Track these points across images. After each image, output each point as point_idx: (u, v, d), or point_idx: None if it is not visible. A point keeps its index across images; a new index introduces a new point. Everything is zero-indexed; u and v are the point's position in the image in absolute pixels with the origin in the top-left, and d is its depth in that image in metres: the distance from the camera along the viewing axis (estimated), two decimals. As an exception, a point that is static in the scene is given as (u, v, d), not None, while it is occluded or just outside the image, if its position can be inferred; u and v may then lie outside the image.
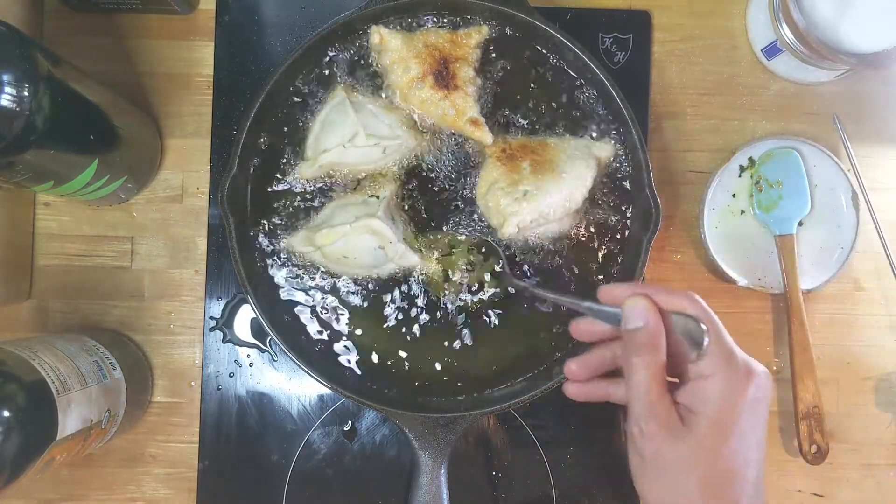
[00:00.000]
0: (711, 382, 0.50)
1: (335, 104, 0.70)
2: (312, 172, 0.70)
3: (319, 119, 0.70)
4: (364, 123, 0.68)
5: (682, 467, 0.50)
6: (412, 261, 0.70)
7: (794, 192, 0.78)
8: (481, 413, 0.68)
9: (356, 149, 0.69)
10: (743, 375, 0.50)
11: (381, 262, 0.69)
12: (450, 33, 0.71)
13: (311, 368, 0.67)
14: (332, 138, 0.69)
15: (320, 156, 0.69)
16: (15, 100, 0.53)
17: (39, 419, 0.58)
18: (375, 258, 0.68)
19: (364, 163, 0.70)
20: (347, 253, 0.68)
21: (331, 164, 0.70)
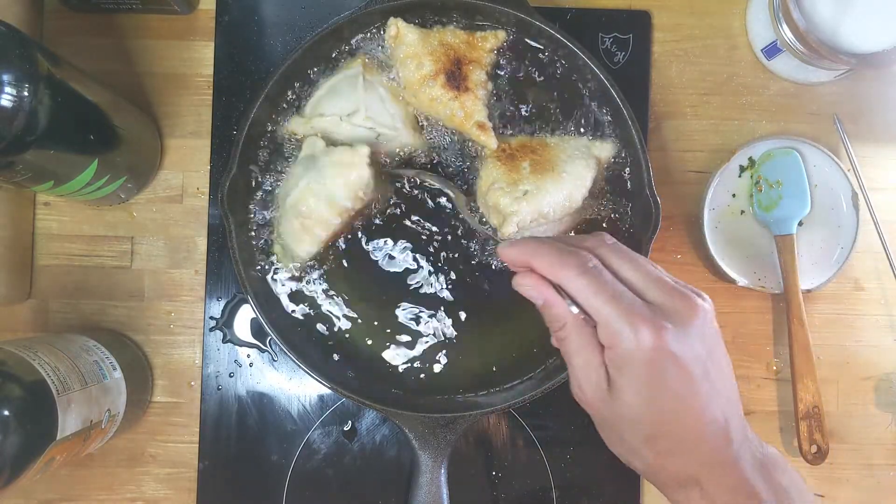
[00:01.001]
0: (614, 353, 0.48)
1: (349, 74, 0.69)
2: (303, 130, 0.69)
3: (329, 83, 0.70)
4: (368, 104, 0.68)
5: (623, 429, 0.50)
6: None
7: (794, 192, 0.78)
8: (481, 413, 0.68)
9: (351, 126, 0.68)
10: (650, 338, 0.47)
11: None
12: (466, 34, 0.70)
13: (311, 368, 0.67)
14: (333, 106, 0.68)
15: (315, 118, 0.69)
16: (15, 100, 0.53)
17: (39, 419, 0.58)
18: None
19: (354, 142, 0.70)
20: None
21: (321, 129, 0.69)
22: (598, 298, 0.48)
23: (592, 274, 0.49)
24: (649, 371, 0.47)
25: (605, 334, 0.48)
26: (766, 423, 0.80)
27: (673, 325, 0.47)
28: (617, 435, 0.51)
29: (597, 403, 0.50)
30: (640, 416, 0.48)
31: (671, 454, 0.49)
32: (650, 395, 0.48)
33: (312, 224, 0.66)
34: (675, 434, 0.49)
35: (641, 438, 0.49)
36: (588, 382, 0.50)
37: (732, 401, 0.50)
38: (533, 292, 0.51)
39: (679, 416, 0.48)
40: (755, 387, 0.80)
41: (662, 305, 0.48)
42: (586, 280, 0.49)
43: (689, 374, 0.47)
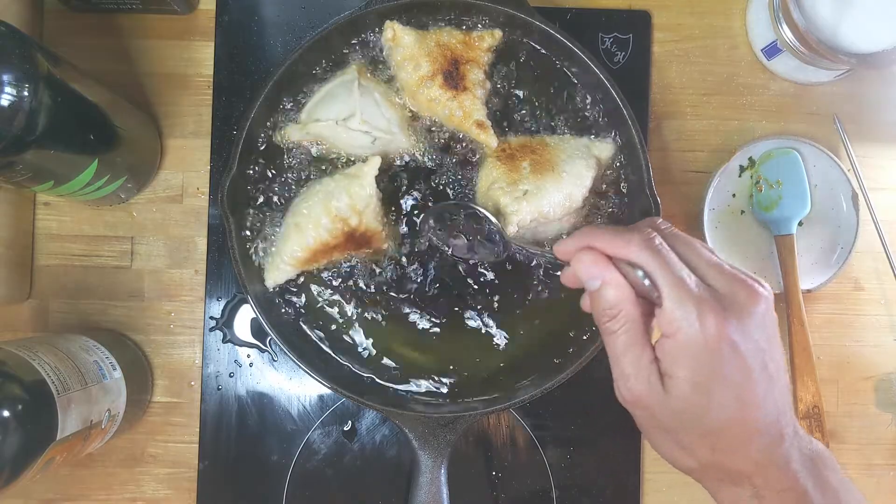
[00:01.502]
0: (674, 340, 0.46)
1: (344, 80, 0.69)
2: (299, 136, 0.70)
3: (324, 89, 0.70)
4: (363, 108, 0.68)
5: (678, 426, 0.48)
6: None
7: (794, 192, 0.78)
8: (481, 413, 0.67)
9: (348, 130, 0.68)
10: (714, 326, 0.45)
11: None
12: (463, 34, 0.70)
13: (311, 368, 0.67)
14: (329, 111, 0.69)
15: (311, 123, 0.69)
16: (15, 100, 0.53)
17: (39, 419, 0.58)
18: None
19: (350, 146, 0.70)
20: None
21: (318, 135, 0.69)
22: (664, 276, 0.46)
23: (658, 250, 0.47)
24: (710, 361, 0.45)
25: (667, 319, 0.46)
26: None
27: (736, 313, 0.45)
28: (669, 434, 0.49)
29: (647, 401, 0.47)
30: (697, 409, 0.46)
31: (727, 449, 0.47)
32: (708, 387, 0.45)
33: (305, 224, 0.66)
34: (732, 428, 0.47)
35: (698, 434, 0.47)
36: (639, 379, 0.47)
37: (786, 394, 0.48)
38: (594, 269, 0.48)
39: (737, 410, 0.46)
40: (755, 387, 0.80)
41: (723, 292, 0.46)
42: (652, 255, 0.46)
43: (749, 366, 0.46)
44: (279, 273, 0.68)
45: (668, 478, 0.79)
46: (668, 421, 0.48)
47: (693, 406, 0.46)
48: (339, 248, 0.68)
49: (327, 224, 0.66)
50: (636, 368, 0.47)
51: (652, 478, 0.79)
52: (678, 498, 0.79)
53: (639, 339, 0.47)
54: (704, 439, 0.48)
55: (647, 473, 0.79)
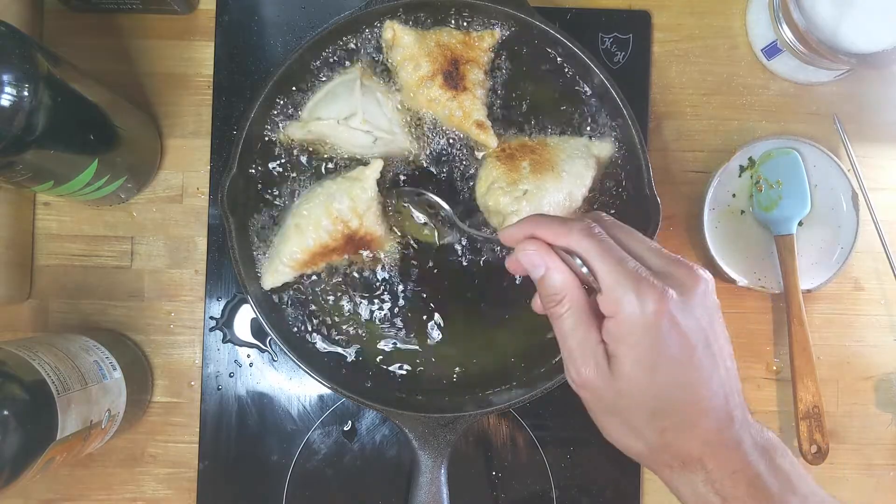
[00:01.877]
0: (615, 321, 0.46)
1: (346, 80, 0.69)
2: (300, 134, 0.70)
3: (326, 88, 0.70)
4: (365, 108, 0.68)
5: (625, 407, 0.48)
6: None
7: (794, 192, 0.78)
8: (481, 413, 0.68)
9: (349, 129, 0.68)
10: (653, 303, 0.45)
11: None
12: (463, 34, 0.71)
13: (311, 368, 0.67)
14: (330, 110, 0.69)
15: (313, 121, 0.69)
16: (15, 100, 0.53)
17: (39, 419, 0.58)
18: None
19: (352, 146, 0.70)
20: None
21: (319, 134, 0.69)
22: (603, 261, 0.46)
23: (598, 238, 0.47)
24: (651, 338, 0.45)
25: (607, 300, 0.46)
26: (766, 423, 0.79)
27: (676, 292, 0.46)
28: (616, 416, 0.49)
29: (595, 383, 0.48)
30: (644, 389, 0.47)
31: (675, 430, 0.48)
32: (652, 364, 0.46)
33: (305, 225, 0.66)
34: (678, 408, 0.47)
35: (644, 415, 0.48)
36: (585, 361, 0.48)
37: (732, 376, 0.49)
38: (536, 258, 0.49)
39: (682, 388, 0.47)
40: (755, 387, 0.80)
41: (664, 273, 0.47)
42: (592, 242, 0.47)
43: (691, 344, 0.46)
44: (277, 275, 0.68)
45: (668, 478, 0.79)
46: (615, 402, 0.48)
47: (638, 385, 0.47)
48: (338, 250, 0.68)
49: (328, 226, 0.66)
50: (582, 350, 0.48)
51: (652, 478, 0.79)
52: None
53: (584, 321, 0.48)
54: (652, 420, 0.48)
55: (647, 473, 0.79)
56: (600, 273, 0.46)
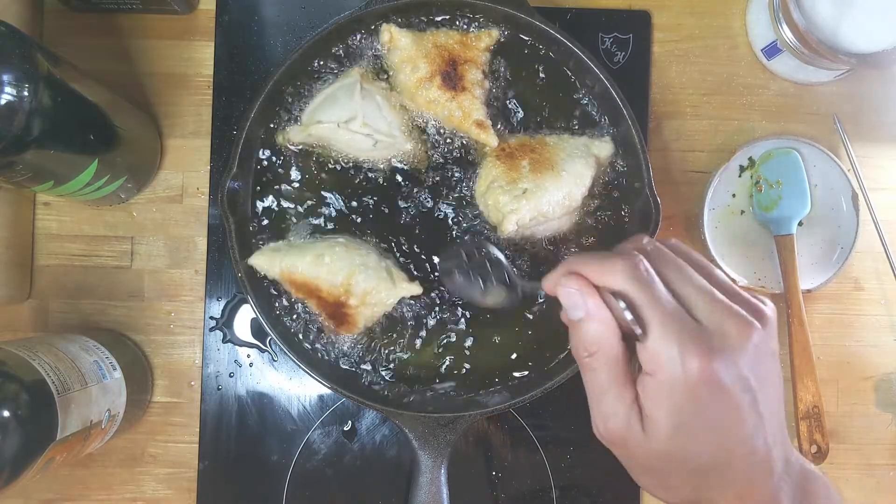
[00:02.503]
0: (655, 380, 0.43)
1: (346, 83, 0.69)
2: (300, 138, 0.70)
3: (326, 91, 0.70)
4: (365, 111, 0.68)
5: (659, 468, 0.46)
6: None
7: (794, 192, 0.78)
8: (481, 413, 0.68)
9: (349, 133, 0.68)
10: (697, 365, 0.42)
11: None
12: (460, 34, 0.71)
13: (311, 368, 0.67)
14: (330, 114, 0.68)
15: (313, 125, 0.69)
16: (15, 100, 0.53)
17: (39, 419, 0.58)
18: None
19: (352, 149, 0.70)
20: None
21: (319, 137, 0.69)
22: (648, 309, 0.43)
23: (645, 280, 0.43)
24: (692, 403, 0.42)
25: (648, 357, 0.43)
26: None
27: (723, 350, 0.42)
28: (649, 472, 0.47)
29: (627, 443, 0.45)
30: (679, 453, 0.44)
31: (710, 489, 0.46)
32: (691, 430, 0.43)
33: (321, 263, 0.66)
34: (715, 467, 0.45)
35: (679, 475, 0.45)
36: (617, 420, 0.45)
37: (779, 428, 0.46)
38: (577, 298, 0.45)
39: (721, 451, 0.44)
40: (755, 387, 0.80)
41: (712, 325, 0.43)
42: (637, 284, 0.43)
43: (737, 406, 0.43)
44: (267, 265, 0.67)
45: (668, 478, 0.79)
46: (648, 461, 0.46)
47: (674, 449, 0.44)
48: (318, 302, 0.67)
49: (335, 282, 0.66)
50: (615, 409, 0.45)
51: (652, 478, 0.79)
52: (678, 498, 0.79)
53: (620, 379, 0.45)
54: (687, 479, 0.46)
55: (647, 473, 0.79)
56: (646, 322, 0.43)
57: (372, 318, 0.68)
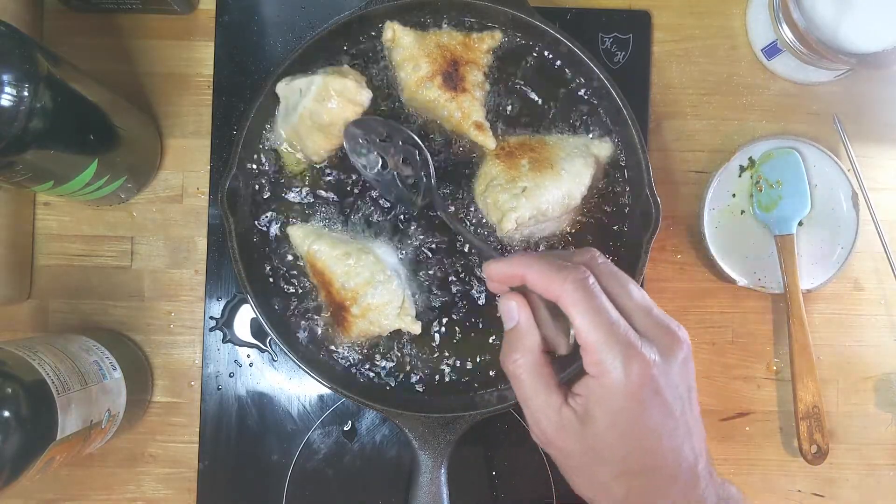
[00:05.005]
0: (598, 382, 0.46)
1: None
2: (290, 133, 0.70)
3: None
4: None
5: (593, 463, 0.48)
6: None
7: (794, 192, 0.78)
8: (481, 413, 0.68)
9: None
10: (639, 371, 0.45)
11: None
12: (463, 35, 0.71)
13: (311, 368, 0.67)
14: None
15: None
16: (15, 100, 0.53)
17: (39, 419, 0.58)
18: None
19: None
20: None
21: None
22: (593, 319, 0.46)
23: (590, 292, 0.46)
24: (631, 405, 0.45)
25: (592, 361, 0.46)
26: (766, 423, 0.80)
27: (660, 359, 0.46)
28: (584, 471, 0.49)
29: (561, 442, 0.48)
30: (615, 450, 0.47)
31: (643, 492, 0.48)
32: (628, 430, 0.46)
33: (328, 262, 0.68)
34: (648, 472, 0.47)
35: (612, 473, 0.48)
36: (549, 421, 0.48)
37: (702, 438, 0.49)
38: (514, 311, 0.49)
39: (654, 454, 0.47)
40: (755, 387, 0.80)
41: (650, 336, 0.47)
42: (583, 296, 0.46)
43: (670, 411, 0.46)
44: (300, 240, 0.68)
45: (668, 478, 0.79)
46: (582, 460, 0.48)
47: (610, 447, 0.47)
48: (327, 294, 0.68)
49: (348, 285, 0.67)
50: (546, 413, 0.48)
51: (652, 478, 0.79)
52: (678, 498, 0.79)
53: (543, 382, 0.48)
54: (620, 479, 0.48)
55: (647, 473, 0.79)
56: (586, 333, 0.46)
57: (367, 332, 0.69)
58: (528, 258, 0.49)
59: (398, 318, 0.68)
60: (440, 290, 0.71)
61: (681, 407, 0.47)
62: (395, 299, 0.68)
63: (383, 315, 0.67)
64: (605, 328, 0.45)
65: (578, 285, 0.46)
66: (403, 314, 0.68)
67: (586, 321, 0.46)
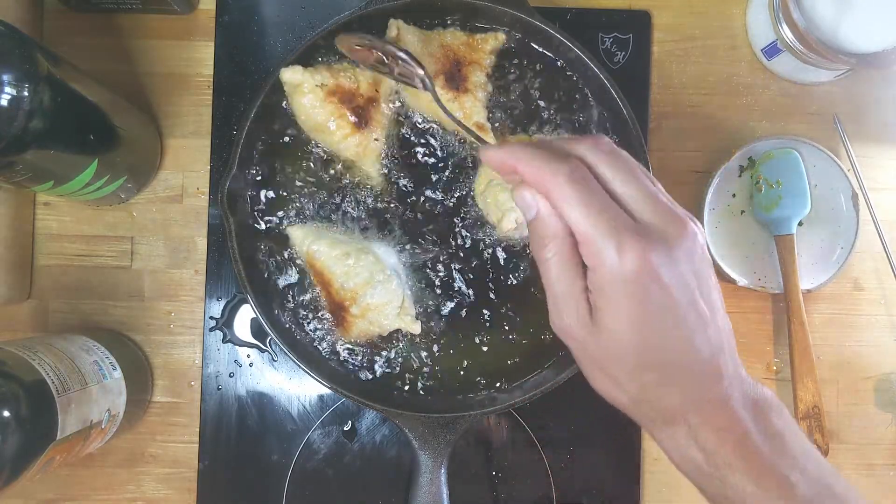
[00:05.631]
0: (597, 273, 0.44)
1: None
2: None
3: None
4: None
5: (606, 360, 0.46)
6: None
7: (794, 192, 0.78)
8: (481, 413, 0.68)
9: None
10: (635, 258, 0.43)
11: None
12: (466, 36, 0.71)
13: (310, 368, 0.67)
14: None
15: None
16: (15, 100, 0.53)
17: (39, 419, 0.58)
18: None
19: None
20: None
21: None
22: (583, 211, 0.44)
23: (581, 185, 0.44)
24: (633, 294, 0.43)
25: (587, 252, 0.44)
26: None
27: (660, 245, 0.43)
28: (599, 367, 0.48)
29: (578, 332, 0.46)
30: (624, 344, 0.45)
31: (657, 386, 0.46)
32: (634, 321, 0.44)
33: (331, 263, 0.68)
34: (660, 365, 0.45)
35: (626, 369, 0.46)
36: (569, 309, 0.46)
37: (723, 333, 0.46)
38: (529, 200, 0.46)
39: (664, 345, 0.45)
40: (755, 387, 0.80)
41: (651, 224, 0.44)
42: (573, 190, 0.44)
43: (675, 301, 0.44)
44: (300, 240, 0.68)
45: (668, 478, 0.79)
46: (597, 352, 0.47)
47: (619, 340, 0.45)
48: (327, 294, 0.68)
49: (347, 285, 0.67)
50: (566, 298, 0.46)
51: (652, 478, 0.79)
52: (678, 498, 0.79)
53: (569, 268, 0.46)
54: (633, 374, 0.46)
55: (647, 473, 0.79)
56: (576, 224, 0.44)
57: (366, 333, 0.69)
58: (521, 148, 0.47)
59: (398, 318, 0.68)
60: (440, 289, 0.71)
61: (688, 296, 0.44)
62: (394, 299, 0.68)
63: (383, 315, 0.67)
64: (594, 217, 0.43)
65: (568, 178, 0.44)
66: (403, 314, 0.68)
67: (575, 213, 0.44)
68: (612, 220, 0.43)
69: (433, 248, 0.71)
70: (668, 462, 0.50)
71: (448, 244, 0.71)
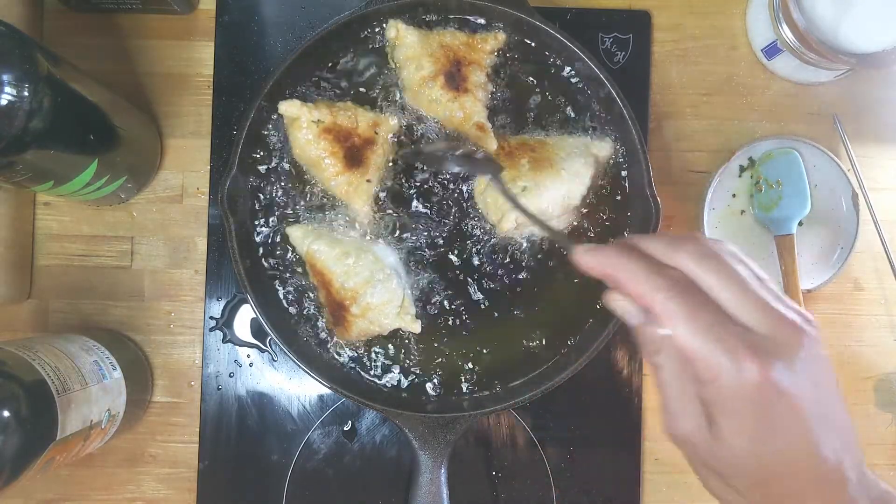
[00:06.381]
0: (714, 387, 0.42)
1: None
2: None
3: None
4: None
5: (726, 473, 0.45)
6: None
7: (794, 192, 0.78)
8: (481, 413, 0.68)
9: None
10: (755, 373, 0.41)
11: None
12: (466, 36, 0.71)
13: (311, 368, 0.67)
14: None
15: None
16: (15, 100, 0.53)
17: (39, 419, 0.58)
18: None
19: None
20: None
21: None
22: (690, 327, 0.42)
23: (684, 297, 0.43)
24: (755, 410, 0.42)
25: (702, 368, 0.42)
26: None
27: (779, 359, 0.42)
28: (717, 475, 0.46)
29: (694, 442, 0.45)
30: (746, 459, 0.43)
31: (780, 497, 0.45)
32: (757, 437, 0.43)
33: (332, 262, 0.68)
34: (785, 478, 0.44)
35: (746, 481, 0.45)
36: (685, 416, 0.44)
37: (847, 437, 0.45)
38: (627, 306, 0.46)
39: (789, 459, 0.43)
40: (755, 387, 0.80)
41: (763, 331, 0.43)
42: (676, 306, 0.43)
43: (800, 412, 0.42)
44: (300, 240, 0.69)
45: (668, 478, 0.79)
46: (714, 464, 0.45)
47: (740, 455, 0.44)
48: (326, 294, 0.68)
49: (347, 284, 0.67)
50: (681, 404, 0.45)
51: (652, 478, 0.79)
52: (678, 498, 0.79)
53: (682, 372, 0.44)
54: (755, 487, 0.45)
55: (647, 473, 0.79)
56: (684, 342, 0.43)
57: (366, 332, 0.69)
58: (617, 255, 0.46)
59: (398, 318, 0.68)
60: (440, 289, 0.71)
61: (813, 406, 0.43)
62: (394, 298, 0.68)
63: (383, 314, 0.67)
64: (703, 333, 0.42)
65: (670, 295, 0.43)
66: (403, 313, 0.68)
67: (681, 329, 0.43)
68: (722, 336, 0.42)
69: (433, 248, 0.71)
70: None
71: (448, 244, 0.71)
